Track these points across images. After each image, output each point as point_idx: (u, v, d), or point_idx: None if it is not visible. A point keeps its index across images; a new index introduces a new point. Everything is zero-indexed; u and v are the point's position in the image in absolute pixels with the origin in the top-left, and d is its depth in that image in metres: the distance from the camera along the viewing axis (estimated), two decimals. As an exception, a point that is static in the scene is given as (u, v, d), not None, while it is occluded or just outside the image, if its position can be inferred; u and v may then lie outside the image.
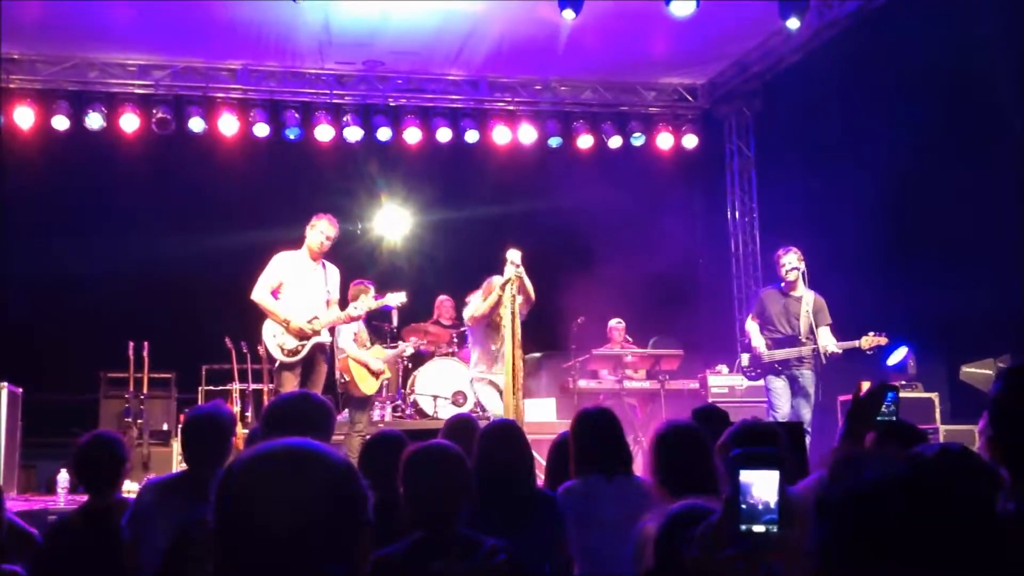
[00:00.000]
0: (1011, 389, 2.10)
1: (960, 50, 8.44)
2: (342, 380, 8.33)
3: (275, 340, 7.21)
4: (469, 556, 2.75)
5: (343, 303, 7.72)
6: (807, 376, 8.03)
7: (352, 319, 7.68)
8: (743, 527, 1.71)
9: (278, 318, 7.19)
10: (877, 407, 2.72)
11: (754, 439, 3.49)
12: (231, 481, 1.47)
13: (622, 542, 2.68)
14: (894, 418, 2.75)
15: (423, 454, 3.07)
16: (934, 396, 8.71)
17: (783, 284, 8.25)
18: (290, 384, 7.18)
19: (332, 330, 7.79)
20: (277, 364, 7.31)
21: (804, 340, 8.00)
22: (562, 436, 4.55)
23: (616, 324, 10.59)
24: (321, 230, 7.37)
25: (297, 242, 7.58)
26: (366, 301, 7.69)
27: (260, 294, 7.25)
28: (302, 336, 7.19)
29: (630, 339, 10.54)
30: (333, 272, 7.58)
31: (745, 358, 8.53)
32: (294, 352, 7.18)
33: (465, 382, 9.60)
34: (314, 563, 1.42)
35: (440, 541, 2.85)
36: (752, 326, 8.35)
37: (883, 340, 7.90)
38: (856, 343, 7.92)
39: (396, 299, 7.90)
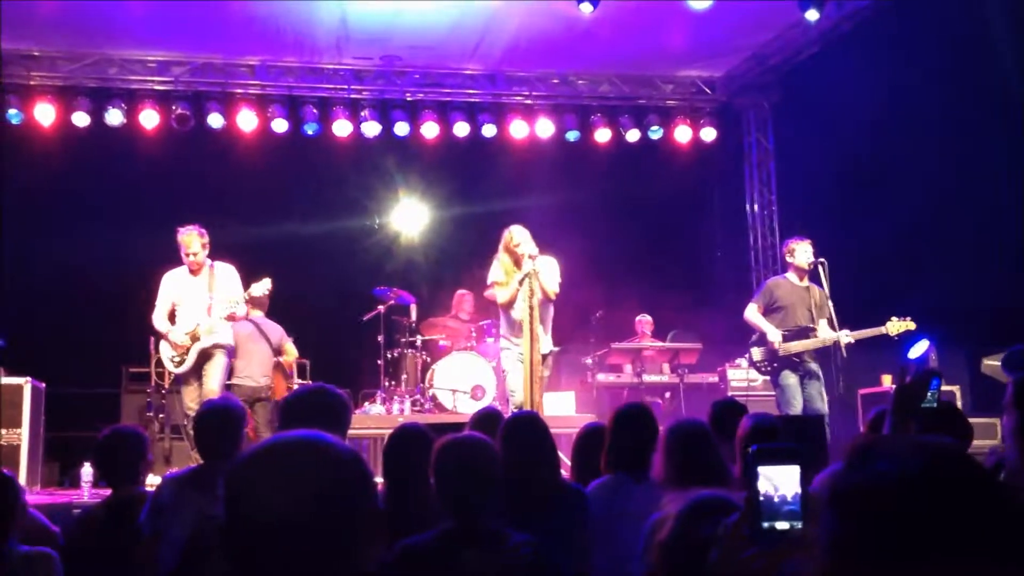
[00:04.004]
0: None
1: (980, 41, 8.37)
2: None
3: (168, 355, 7.73)
4: (497, 548, 2.76)
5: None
6: (816, 367, 7.80)
7: (235, 317, 7.81)
8: (765, 524, 1.66)
9: (162, 334, 7.73)
10: (922, 394, 2.64)
11: (763, 436, 3.51)
12: (235, 476, 1.49)
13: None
14: (935, 404, 2.69)
15: (457, 445, 3.10)
16: (955, 389, 8.65)
17: (796, 273, 7.95)
18: (189, 393, 7.64)
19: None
20: (174, 377, 7.87)
21: (817, 331, 7.76)
22: (587, 428, 4.55)
23: (643, 319, 10.53)
24: (183, 251, 7.62)
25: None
26: (249, 292, 7.82)
27: (154, 320, 7.78)
28: (181, 348, 7.62)
29: (648, 334, 10.51)
30: (223, 273, 7.77)
31: (757, 352, 7.89)
32: (180, 362, 7.65)
33: (484, 376, 9.60)
34: (320, 554, 1.42)
35: (469, 532, 2.87)
36: (758, 317, 7.87)
37: (911, 324, 7.60)
38: (882, 329, 7.66)
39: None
